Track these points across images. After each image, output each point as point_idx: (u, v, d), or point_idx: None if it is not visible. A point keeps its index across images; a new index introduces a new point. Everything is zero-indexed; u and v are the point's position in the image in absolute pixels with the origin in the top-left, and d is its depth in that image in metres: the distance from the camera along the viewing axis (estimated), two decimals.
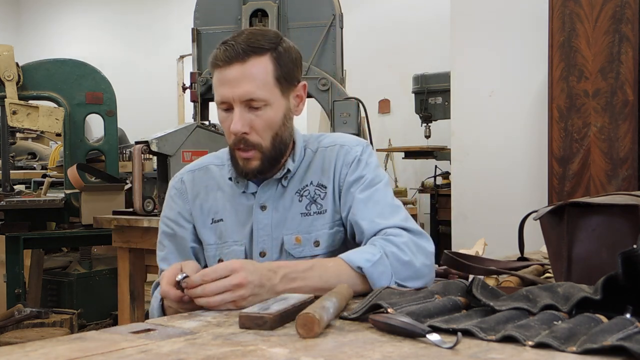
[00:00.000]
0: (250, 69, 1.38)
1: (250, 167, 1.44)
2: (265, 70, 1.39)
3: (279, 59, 1.41)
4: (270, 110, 1.41)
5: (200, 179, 1.56)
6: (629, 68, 2.82)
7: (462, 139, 3.59)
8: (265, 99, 1.39)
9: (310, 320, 0.96)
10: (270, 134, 1.43)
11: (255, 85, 1.38)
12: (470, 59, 3.55)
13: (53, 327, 3.49)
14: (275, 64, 1.40)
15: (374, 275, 1.29)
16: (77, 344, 0.93)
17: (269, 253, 1.48)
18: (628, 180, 2.82)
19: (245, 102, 1.39)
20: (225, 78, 1.39)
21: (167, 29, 8.44)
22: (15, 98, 3.76)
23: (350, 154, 1.50)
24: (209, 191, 1.55)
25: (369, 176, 1.48)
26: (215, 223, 1.52)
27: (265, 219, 1.49)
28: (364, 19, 6.58)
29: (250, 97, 1.38)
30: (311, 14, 3.40)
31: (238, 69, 1.38)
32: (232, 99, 1.38)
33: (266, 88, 1.39)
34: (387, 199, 1.46)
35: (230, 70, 1.38)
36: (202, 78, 3.42)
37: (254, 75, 1.38)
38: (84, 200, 3.89)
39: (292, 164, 1.50)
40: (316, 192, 1.49)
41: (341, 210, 1.48)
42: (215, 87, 1.42)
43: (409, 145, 5.52)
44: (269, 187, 1.50)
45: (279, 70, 1.41)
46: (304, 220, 1.48)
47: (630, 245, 0.98)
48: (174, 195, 1.58)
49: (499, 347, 0.90)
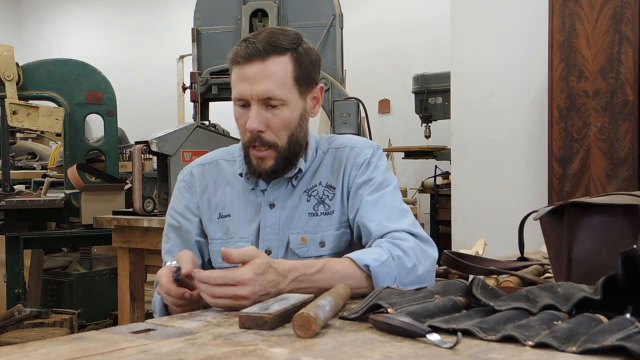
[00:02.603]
0: (270, 67, 1.38)
1: (265, 166, 1.44)
2: (284, 70, 1.40)
3: (299, 60, 1.42)
4: (287, 110, 1.41)
5: (210, 173, 1.57)
6: (629, 68, 2.82)
7: (462, 139, 3.59)
8: (283, 99, 1.40)
9: (307, 319, 0.96)
10: (287, 133, 1.43)
11: (274, 84, 1.38)
12: (470, 59, 3.55)
13: (53, 327, 3.49)
14: (295, 64, 1.41)
15: (379, 275, 1.29)
16: (77, 344, 0.93)
17: (274, 251, 1.48)
18: (628, 180, 2.82)
19: (263, 101, 1.39)
20: (245, 75, 1.39)
21: (167, 29, 8.44)
22: (15, 98, 3.77)
23: (360, 156, 1.51)
24: (217, 186, 1.55)
25: (379, 179, 1.48)
26: (222, 218, 1.53)
27: (273, 217, 1.49)
28: (364, 19, 6.59)
29: (268, 95, 1.39)
30: (311, 14, 3.41)
31: (258, 67, 1.38)
32: (250, 96, 1.39)
33: (285, 88, 1.40)
34: (396, 203, 1.47)
35: (250, 67, 1.39)
36: (202, 78, 3.42)
37: (273, 74, 1.39)
38: (84, 200, 3.89)
39: (304, 164, 1.50)
40: (325, 192, 1.50)
41: (349, 211, 1.48)
42: (234, 83, 1.43)
43: (409, 145, 5.52)
44: (279, 186, 1.50)
45: (299, 70, 1.42)
46: (310, 220, 1.48)
47: (630, 245, 0.98)
48: (182, 188, 1.58)
49: (499, 347, 0.90)
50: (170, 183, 3.00)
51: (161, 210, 3.05)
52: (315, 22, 3.39)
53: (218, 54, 3.48)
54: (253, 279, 1.14)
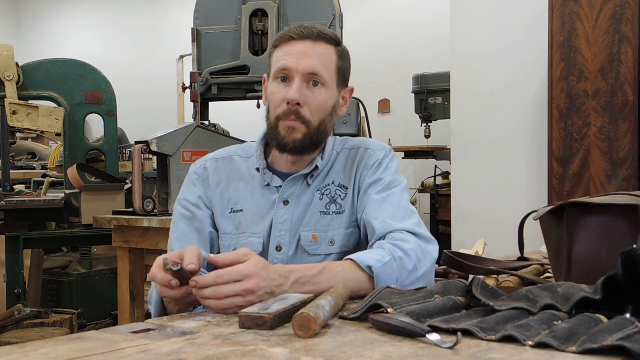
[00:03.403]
0: (319, 49, 1.47)
1: (293, 137, 1.46)
2: (331, 57, 1.49)
3: (342, 55, 1.52)
4: (325, 93, 1.47)
5: (224, 168, 1.58)
6: (629, 68, 2.82)
7: (462, 139, 3.59)
8: (326, 80, 1.47)
9: (307, 319, 0.96)
10: (320, 116, 1.48)
11: (321, 64, 1.46)
12: (470, 59, 3.55)
13: (53, 327, 3.49)
14: (339, 56, 1.51)
15: (381, 276, 1.29)
16: (77, 344, 0.93)
17: (285, 248, 1.50)
18: (628, 180, 2.82)
19: (308, 76, 1.45)
20: (295, 50, 1.46)
21: (167, 29, 8.44)
22: (15, 98, 3.76)
23: (372, 157, 1.54)
24: (230, 181, 1.56)
25: (388, 179, 1.50)
26: (235, 213, 1.53)
27: (287, 214, 1.50)
28: (364, 18, 6.58)
29: (314, 71, 1.45)
30: (311, 14, 3.40)
31: (309, 45, 1.46)
32: (297, 69, 1.44)
33: (329, 71, 1.48)
34: (402, 203, 1.48)
35: (302, 44, 1.46)
36: (202, 78, 3.42)
37: (322, 55, 1.47)
38: (84, 200, 3.89)
39: (320, 162, 1.53)
40: (337, 192, 1.52)
41: (358, 211, 1.51)
42: (279, 57, 1.47)
43: (409, 145, 5.52)
44: (294, 183, 1.52)
45: (341, 63, 1.51)
46: (322, 218, 1.50)
47: (630, 245, 0.98)
48: (195, 180, 1.58)
49: (499, 347, 0.90)
50: (170, 183, 3.00)
51: (161, 210, 3.05)
52: (315, 22, 3.39)
53: (218, 54, 3.48)
54: (257, 272, 1.15)
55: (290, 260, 1.49)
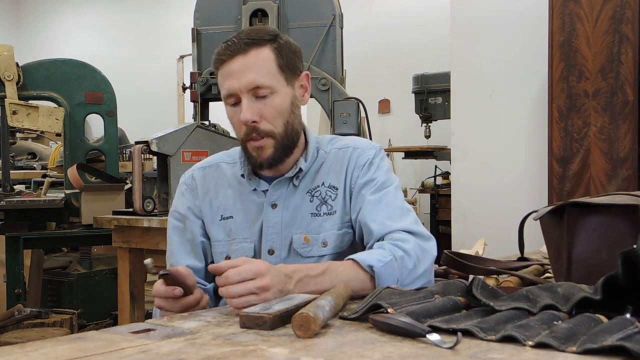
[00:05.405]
0: (252, 59, 1.41)
1: (265, 155, 1.45)
2: (267, 59, 1.42)
3: (280, 49, 1.44)
4: (277, 97, 1.43)
5: (211, 176, 1.58)
6: (629, 68, 2.82)
7: (462, 139, 3.59)
8: (271, 86, 1.42)
9: (306, 319, 0.96)
10: (282, 121, 1.44)
11: (259, 73, 1.41)
12: (470, 59, 3.55)
13: (53, 327, 3.48)
14: (276, 53, 1.43)
15: (382, 276, 1.29)
16: (77, 344, 0.93)
17: (277, 251, 1.49)
18: (628, 180, 2.81)
19: (252, 91, 1.41)
20: (230, 71, 1.41)
21: (167, 29, 8.43)
22: (15, 98, 3.76)
23: (362, 156, 1.52)
24: (218, 188, 1.56)
25: (381, 179, 1.49)
26: (225, 220, 1.54)
27: (276, 217, 1.50)
28: (364, 19, 6.58)
29: (255, 84, 1.40)
30: (311, 14, 3.40)
31: (241, 60, 1.40)
32: (239, 89, 1.41)
33: (270, 76, 1.42)
34: (397, 202, 1.47)
35: (233, 62, 1.41)
36: (202, 78, 3.42)
37: (257, 64, 1.41)
38: (84, 200, 3.89)
39: (304, 163, 1.51)
40: (327, 193, 1.51)
41: (351, 212, 1.49)
42: (221, 83, 1.44)
43: (409, 145, 5.52)
44: (280, 186, 1.51)
45: (281, 59, 1.44)
46: (313, 220, 1.49)
47: (630, 245, 0.98)
48: (184, 190, 1.59)
49: (499, 347, 0.90)
50: (170, 183, 3.00)
51: (161, 210, 3.05)
52: (315, 22, 3.39)
53: None
54: (269, 269, 1.15)
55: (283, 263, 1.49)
